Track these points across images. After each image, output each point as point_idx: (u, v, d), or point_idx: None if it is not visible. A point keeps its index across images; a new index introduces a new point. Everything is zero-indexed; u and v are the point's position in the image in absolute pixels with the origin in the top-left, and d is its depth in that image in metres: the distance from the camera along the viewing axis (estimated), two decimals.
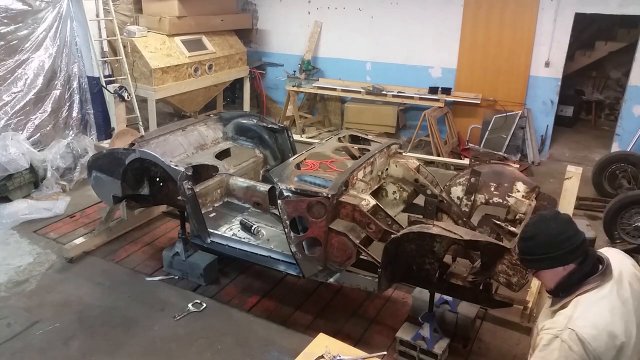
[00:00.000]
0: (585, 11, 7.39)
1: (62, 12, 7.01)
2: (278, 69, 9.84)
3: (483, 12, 7.96)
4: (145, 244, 5.45)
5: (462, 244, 3.39)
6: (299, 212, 3.62)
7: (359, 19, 8.92)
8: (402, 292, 4.64)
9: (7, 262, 5.04)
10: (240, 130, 5.26)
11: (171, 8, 7.96)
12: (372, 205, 3.64)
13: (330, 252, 3.66)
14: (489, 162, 4.16)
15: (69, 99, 7.33)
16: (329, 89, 8.80)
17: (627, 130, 7.49)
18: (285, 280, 4.82)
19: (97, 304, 4.46)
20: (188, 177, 4.16)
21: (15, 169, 5.95)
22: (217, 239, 4.40)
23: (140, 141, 4.53)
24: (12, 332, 4.09)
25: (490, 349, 4.06)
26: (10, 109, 6.55)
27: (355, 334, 4.18)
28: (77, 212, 6.07)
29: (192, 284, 4.73)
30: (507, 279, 3.13)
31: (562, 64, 7.74)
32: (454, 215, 4.08)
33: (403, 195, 4.50)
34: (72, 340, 4.04)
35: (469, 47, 8.21)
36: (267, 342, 4.06)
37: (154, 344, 4.02)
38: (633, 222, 5.36)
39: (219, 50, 8.65)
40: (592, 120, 10.27)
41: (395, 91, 8.35)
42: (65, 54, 7.15)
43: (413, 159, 4.56)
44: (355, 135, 4.84)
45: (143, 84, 7.59)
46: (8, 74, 6.52)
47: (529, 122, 8.01)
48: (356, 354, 2.65)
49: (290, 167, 3.95)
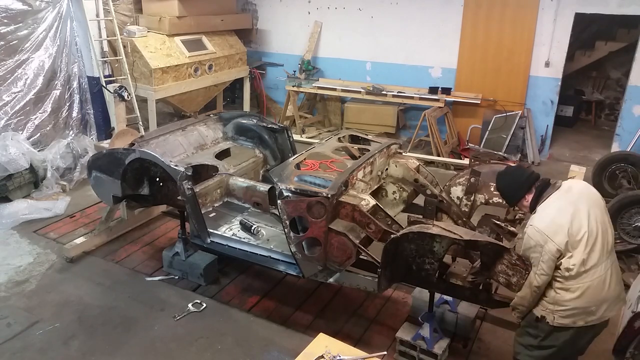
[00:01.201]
0: (585, 11, 7.39)
1: (62, 12, 7.01)
2: (278, 69, 9.84)
3: (483, 12, 7.96)
4: (145, 244, 5.45)
5: (461, 244, 3.39)
6: (299, 212, 3.62)
7: (359, 19, 8.92)
8: (402, 292, 4.65)
9: (7, 262, 5.04)
10: (240, 130, 5.26)
11: (171, 8, 7.96)
12: (371, 205, 3.64)
13: (330, 252, 3.66)
14: (489, 162, 4.17)
15: (69, 99, 7.33)
16: (329, 89, 8.80)
17: (627, 130, 7.49)
18: (285, 280, 4.82)
19: (97, 304, 4.47)
20: (188, 177, 4.16)
21: (15, 169, 5.95)
22: (217, 239, 4.40)
23: (140, 141, 4.53)
24: (12, 332, 4.09)
25: (490, 349, 4.06)
26: (10, 109, 6.55)
27: (355, 334, 4.18)
28: (77, 212, 6.07)
29: (192, 284, 4.73)
30: (507, 279, 3.13)
31: (562, 64, 7.74)
32: (453, 215, 4.08)
33: (403, 195, 4.50)
34: (72, 340, 4.04)
35: (469, 47, 8.21)
36: (267, 342, 4.06)
37: (154, 344, 4.03)
38: (633, 222, 5.35)
39: (219, 50, 8.65)
40: (592, 120, 10.28)
41: (395, 91, 8.35)
42: (65, 54, 7.15)
43: (413, 159, 4.56)
44: (355, 135, 4.84)
45: (143, 84, 7.59)
46: (8, 74, 6.52)
47: (529, 122, 8.01)
48: (356, 354, 2.65)
49: (290, 167, 3.95)
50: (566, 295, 2.92)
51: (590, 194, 3.07)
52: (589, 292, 2.90)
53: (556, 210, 2.93)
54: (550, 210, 2.95)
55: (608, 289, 2.95)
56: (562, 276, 2.91)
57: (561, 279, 2.92)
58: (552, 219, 2.90)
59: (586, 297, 2.90)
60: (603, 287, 2.93)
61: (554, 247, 2.85)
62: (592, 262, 2.89)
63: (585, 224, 2.89)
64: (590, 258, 2.88)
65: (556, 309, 2.96)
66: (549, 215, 2.93)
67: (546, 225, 2.89)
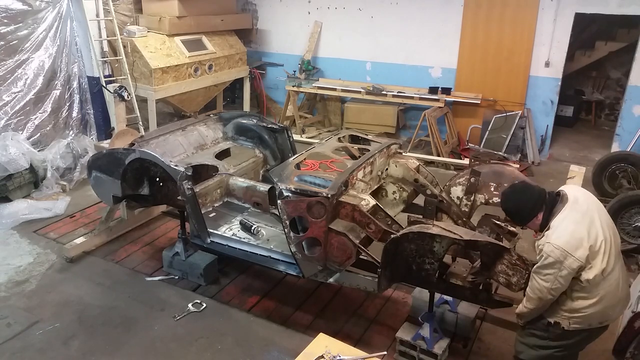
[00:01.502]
0: (585, 11, 7.39)
1: (62, 12, 7.01)
2: (278, 69, 9.84)
3: (483, 12, 7.96)
4: (145, 244, 5.45)
5: (462, 244, 3.38)
6: (299, 212, 3.62)
7: (359, 19, 8.92)
8: (402, 292, 4.65)
9: (7, 262, 5.04)
10: (240, 130, 5.26)
11: (171, 8, 7.96)
12: (371, 205, 3.64)
13: (330, 252, 3.66)
14: (489, 162, 4.16)
15: (69, 99, 7.33)
16: (329, 89, 8.80)
17: (627, 130, 7.49)
18: (285, 280, 4.82)
19: (97, 304, 4.46)
20: (188, 177, 4.16)
21: (15, 169, 5.95)
22: (217, 239, 4.40)
23: (140, 141, 4.53)
24: (12, 332, 4.09)
25: (490, 349, 4.06)
26: (10, 109, 6.56)
27: (355, 334, 4.18)
28: (77, 212, 6.07)
29: (192, 284, 4.73)
30: (507, 279, 3.14)
31: (562, 64, 7.74)
32: (453, 215, 4.08)
33: (403, 195, 4.50)
34: (72, 340, 4.04)
35: (469, 47, 8.21)
36: (267, 342, 4.06)
37: (154, 344, 4.03)
38: (633, 222, 5.36)
39: (219, 50, 8.65)
40: (592, 120, 10.27)
41: (395, 91, 8.35)
42: (65, 54, 7.15)
43: (413, 159, 4.56)
44: (355, 135, 4.84)
45: (143, 84, 7.59)
46: (8, 74, 6.52)
47: (529, 122, 8.01)
48: (356, 354, 2.65)
49: (290, 167, 3.95)
50: (584, 303, 2.89)
51: (594, 199, 3.04)
52: (607, 297, 2.88)
53: (574, 224, 2.84)
54: (566, 224, 2.84)
55: (621, 290, 2.97)
56: (581, 287, 2.86)
57: (580, 288, 2.87)
58: (571, 233, 2.81)
59: (604, 302, 2.89)
60: (617, 289, 2.93)
61: (575, 263, 2.77)
62: (609, 269, 2.86)
63: (601, 232, 2.85)
64: (608, 265, 2.85)
65: (572, 315, 2.93)
66: (567, 229, 2.82)
67: (566, 241, 2.78)
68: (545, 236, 2.87)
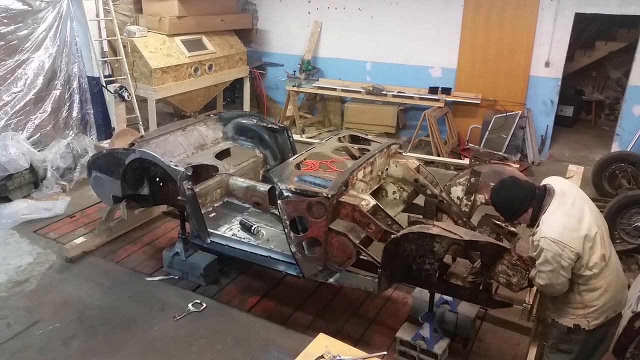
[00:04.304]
0: (585, 11, 7.39)
1: (62, 12, 7.01)
2: (278, 69, 9.84)
3: (483, 12, 7.96)
4: (145, 244, 5.45)
5: (462, 244, 3.38)
6: (299, 212, 3.62)
7: (359, 19, 8.92)
8: (402, 292, 4.65)
9: (7, 262, 5.04)
10: (240, 130, 5.26)
11: (171, 8, 7.96)
12: (372, 205, 3.64)
13: (330, 252, 3.66)
14: (489, 162, 4.16)
15: (69, 99, 7.33)
16: (329, 89, 8.80)
17: (627, 130, 7.49)
18: (285, 280, 4.82)
19: (97, 304, 4.47)
20: (188, 177, 4.16)
21: (15, 169, 5.95)
22: (217, 239, 4.40)
23: (140, 141, 4.53)
24: (12, 332, 4.09)
25: (490, 349, 4.06)
26: (10, 109, 6.56)
27: (355, 334, 4.19)
28: (77, 212, 6.07)
29: (192, 284, 4.73)
30: (507, 279, 3.14)
31: (562, 64, 7.74)
32: (454, 215, 4.08)
33: (403, 195, 4.49)
34: (72, 340, 4.04)
35: (469, 47, 8.20)
36: (267, 342, 4.06)
37: (154, 344, 4.03)
38: (633, 222, 5.35)
39: (219, 50, 8.65)
40: (592, 120, 10.27)
41: (395, 91, 8.35)
42: (65, 54, 7.15)
43: (413, 159, 4.56)
44: (355, 135, 4.84)
45: (143, 84, 7.59)
46: (8, 74, 6.52)
47: (529, 122, 8.01)
48: (356, 354, 2.65)
49: (290, 167, 3.95)
50: (594, 294, 2.89)
51: (577, 189, 3.08)
52: (612, 283, 2.91)
53: (564, 216, 2.86)
54: (557, 217, 2.87)
55: (622, 274, 3.03)
56: (585, 278, 2.86)
57: (584, 281, 2.88)
58: (563, 225, 2.82)
59: (612, 288, 2.91)
60: (619, 273, 2.99)
61: (572, 253, 2.78)
62: (608, 254, 2.90)
63: (592, 220, 2.88)
64: (606, 250, 2.89)
65: (587, 312, 2.92)
66: (558, 222, 2.84)
67: (560, 233, 2.80)
68: (538, 231, 2.91)
